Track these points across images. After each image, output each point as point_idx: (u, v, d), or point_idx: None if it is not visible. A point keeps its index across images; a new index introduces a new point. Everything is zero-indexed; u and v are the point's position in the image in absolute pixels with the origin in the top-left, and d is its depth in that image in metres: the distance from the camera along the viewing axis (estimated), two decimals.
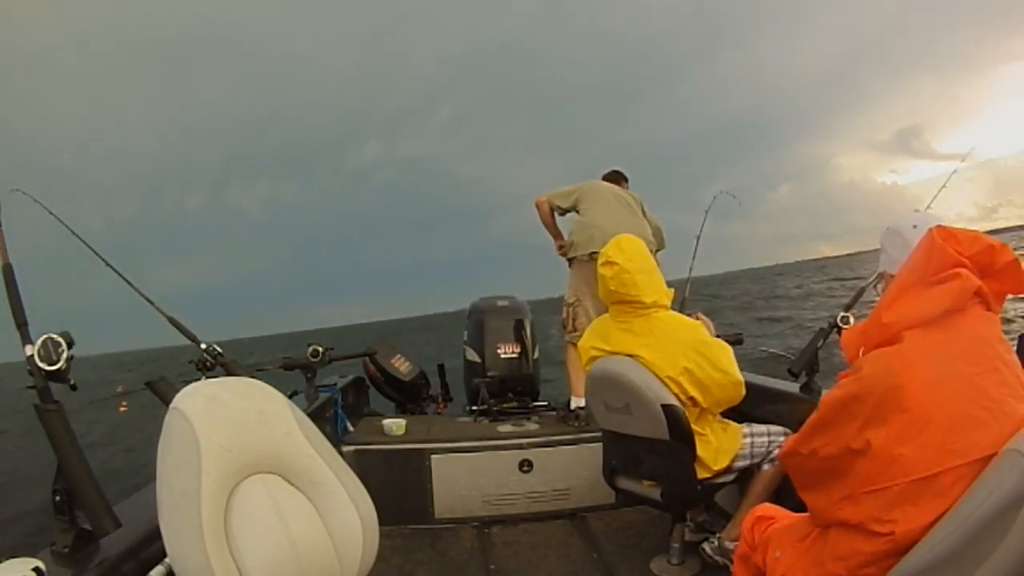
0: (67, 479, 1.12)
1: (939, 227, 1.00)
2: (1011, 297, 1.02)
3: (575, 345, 2.71)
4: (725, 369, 1.78)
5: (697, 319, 2.01)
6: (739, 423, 1.92)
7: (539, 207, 2.96)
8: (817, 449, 1.03)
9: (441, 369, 3.56)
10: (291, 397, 1.77)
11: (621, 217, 2.72)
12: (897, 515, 0.90)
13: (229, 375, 1.78)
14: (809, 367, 2.06)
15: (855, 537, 0.96)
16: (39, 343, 1.13)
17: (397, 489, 2.43)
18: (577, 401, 2.65)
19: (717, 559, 1.93)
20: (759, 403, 2.06)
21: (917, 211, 1.71)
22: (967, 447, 0.88)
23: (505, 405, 3.01)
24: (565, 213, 2.92)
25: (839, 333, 2.02)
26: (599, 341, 1.94)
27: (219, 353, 1.87)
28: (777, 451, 1.82)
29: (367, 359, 3.22)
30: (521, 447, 2.49)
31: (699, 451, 1.78)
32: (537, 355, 3.24)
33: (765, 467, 1.85)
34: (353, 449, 2.46)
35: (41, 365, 1.12)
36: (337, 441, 2.47)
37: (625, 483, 2.01)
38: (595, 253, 2.60)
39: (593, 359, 1.94)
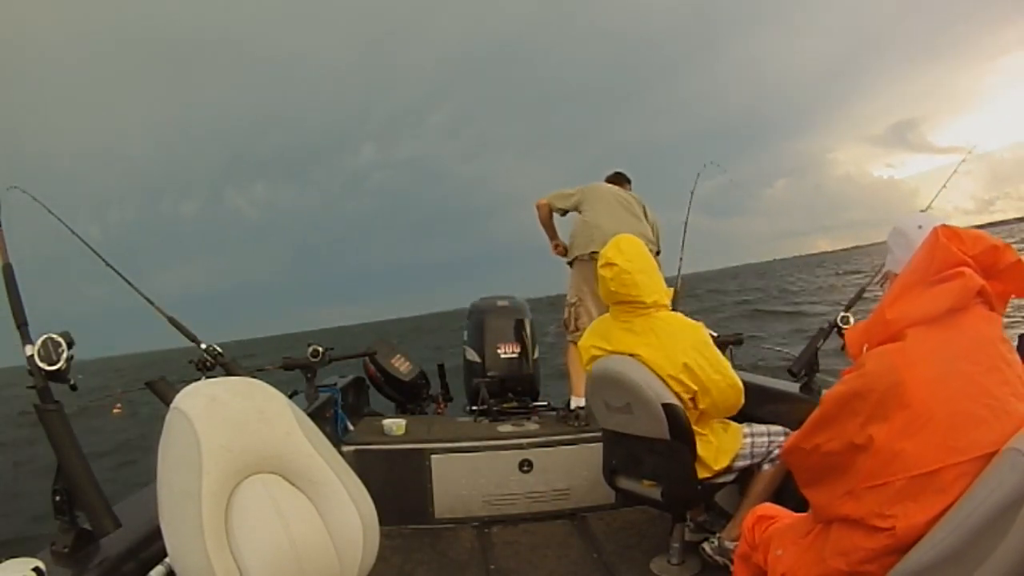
0: (67, 479, 1.12)
1: (943, 226, 1.01)
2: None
3: (576, 344, 2.72)
4: (724, 372, 1.79)
5: (728, 343, 2.01)
6: (739, 423, 1.92)
7: (539, 209, 3.00)
8: (820, 445, 1.03)
9: (441, 369, 3.56)
10: (291, 397, 1.77)
11: (622, 217, 2.73)
12: (898, 511, 0.91)
13: (229, 375, 1.78)
14: (809, 367, 2.07)
15: (856, 532, 0.97)
16: (39, 343, 1.13)
17: (397, 489, 2.43)
18: (577, 401, 2.65)
19: (717, 559, 1.93)
20: (759, 403, 2.06)
21: (923, 211, 1.71)
22: (968, 444, 0.88)
23: (505, 405, 3.01)
24: (565, 214, 2.94)
25: (839, 333, 2.03)
26: (600, 340, 1.94)
27: (219, 353, 1.87)
28: (777, 451, 1.82)
29: (367, 359, 3.22)
30: (521, 447, 2.49)
31: (699, 451, 1.79)
32: (537, 355, 3.24)
33: (765, 467, 1.86)
34: (353, 449, 2.46)
35: (41, 365, 1.12)
36: (337, 441, 2.47)
37: (625, 483, 2.01)
38: (596, 253, 2.60)
39: (594, 358, 1.94)
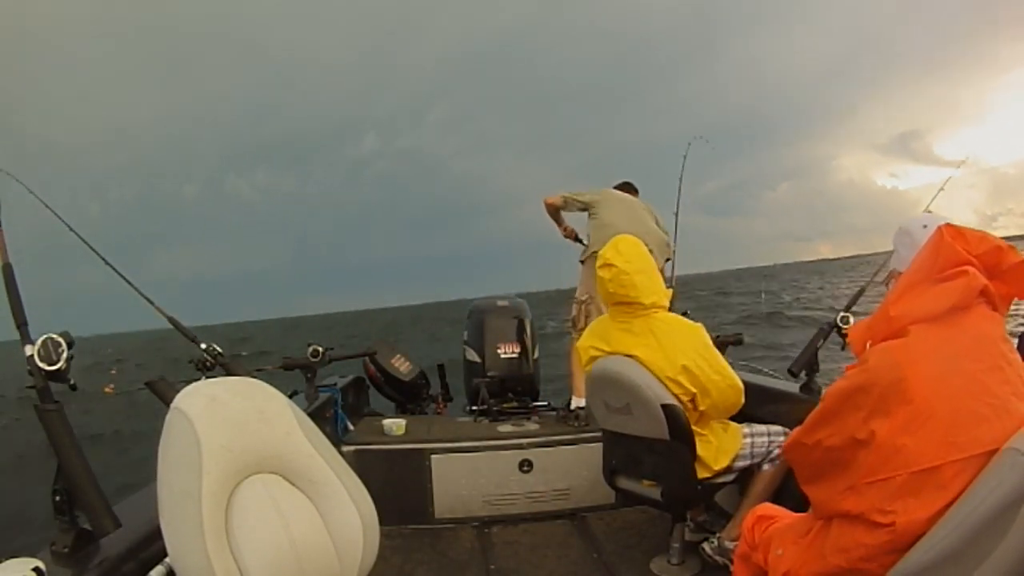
0: (67, 479, 1.12)
1: (948, 225, 1.01)
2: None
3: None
4: (724, 373, 1.78)
5: (728, 343, 2.01)
6: (739, 423, 1.92)
7: (548, 205, 2.98)
8: (822, 440, 1.04)
9: (441, 369, 3.56)
10: (291, 397, 1.77)
11: (635, 216, 2.74)
12: (898, 506, 0.91)
13: (229, 375, 1.78)
14: (809, 367, 2.07)
15: (857, 528, 0.97)
16: (39, 343, 1.13)
17: (397, 489, 2.42)
18: (578, 401, 2.64)
19: (717, 559, 1.93)
20: (759, 403, 2.06)
21: (928, 212, 1.71)
22: (969, 441, 0.88)
23: (505, 405, 3.00)
24: (574, 209, 2.94)
25: (839, 333, 2.03)
26: (598, 341, 1.94)
27: (219, 353, 1.87)
28: (777, 451, 1.82)
29: (367, 359, 3.22)
30: (521, 447, 2.49)
31: (699, 451, 1.78)
32: (537, 355, 3.24)
33: (765, 467, 1.86)
34: (353, 449, 2.46)
35: (41, 365, 1.12)
36: (337, 441, 2.47)
37: (625, 483, 2.01)
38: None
39: (593, 359, 1.94)
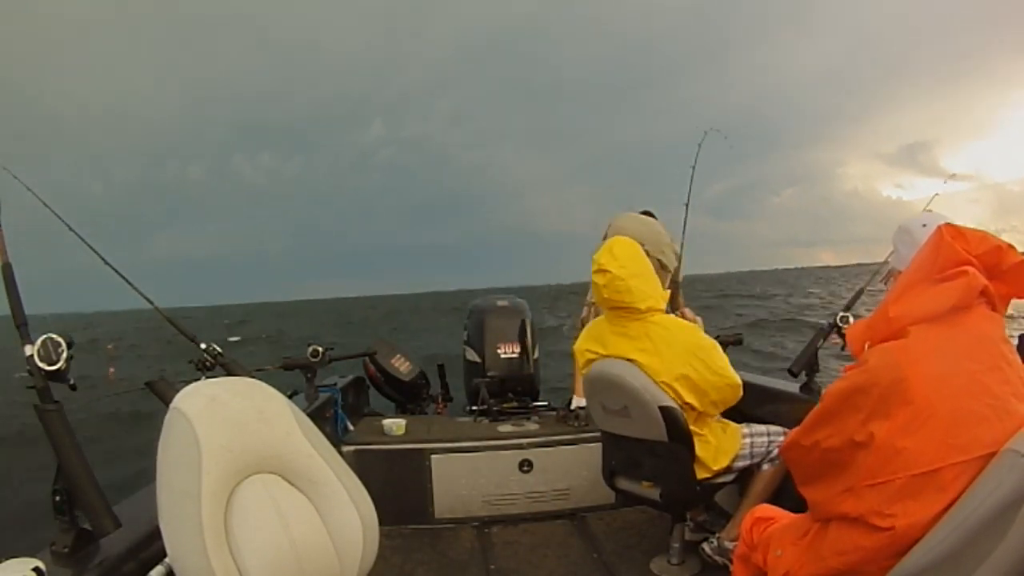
0: (67, 479, 1.12)
1: (948, 225, 1.00)
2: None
3: None
4: (722, 372, 1.77)
5: (681, 315, 2.00)
6: (738, 423, 1.92)
7: None
8: (820, 441, 1.03)
9: (441, 369, 3.55)
10: (291, 397, 1.77)
11: (645, 224, 2.67)
12: (898, 509, 0.91)
13: (229, 375, 1.78)
14: (809, 367, 2.07)
15: (855, 531, 0.97)
16: (39, 343, 1.13)
17: (397, 489, 2.42)
18: (579, 401, 2.64)
19: (717, 559, 1.93)
20: (759, 403, 2.06)
21: (929, 211, 1.70)
22: (969, 443, 0.88)
23: (505, 405, 3.00)
24: None
25: (839, 333, 2.02)
26: (594, 344, 1.93)
27: (219, 353, 1.87)
28: (777, 451, 1.81)
29: (367, 359, 3.21)
30: (521, 447, 2.49)
31: (698, 451, 1.78)
32: (537, 355, 3.24)
33: (765, 467, 1.85)
34: (353, 449, 2.46)
35: (41, 365, 1.12)
36: (337, 441, 2.47)
37: (625, 484, 2.01)
38: None
39: (589, 362, 1.94)
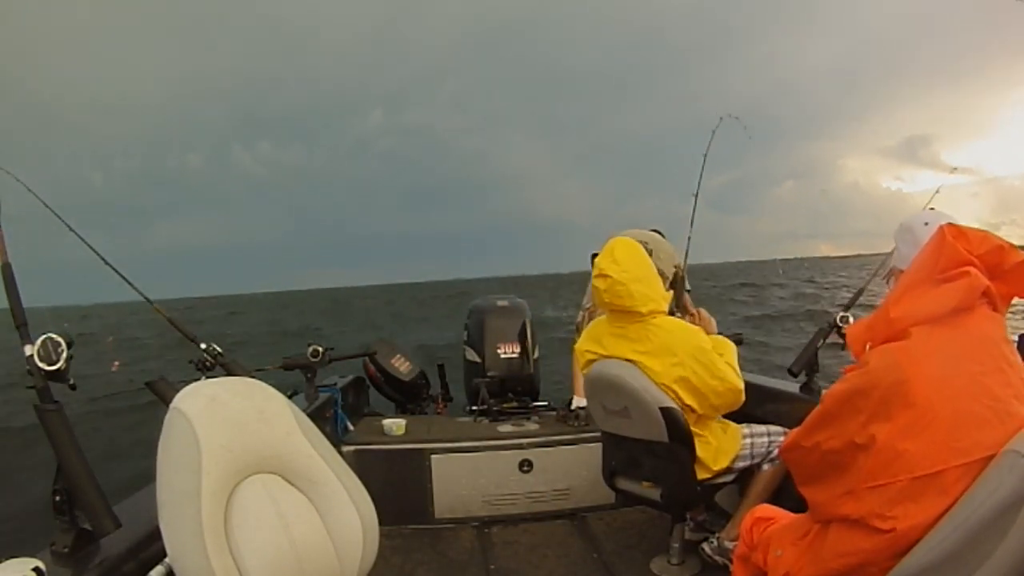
0: (67, 479, 1.12)
1: (949, 225, 0.99)
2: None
3: None
4: (723, 376, 1.75)
5: (697, 314, 1.99)
6: (739, 423, 1.92)
7: None
8: (820, 443, 1.02)
9: (441, 369, 3.55)
10: (291, 397, 1.77)
11: (642, 231, 2.70)
12: (899, 512, 0.90)
13: (229, 375, 1.78)
14: (809, 367, 2.06)
15: (855, 533, 0.96)
16: (39, 343, 1.13)
17: (397, 489, 2.42)
18: (579, 401, 2.64)
19: (717, 559, 1.93)
20: (759, 403, 2.06)
21: (931, 209, 1.70)
22: (971, 446, 0.87)
23: (505, 405, 3.00)
24: None
25: (839, 333, 2.02)
26: (594, 344, 1.92)
27: (219, 353, 1.88)
28: (777, 451, 1.81)
29: (367, 359, 3.21)
30: (521, 447, 2.49)
31: (699, 452, 1.78)
32: (537, 355, 3.24)
33: (765, 467, 1.85)
34: (353, 449, 2.46)
35: (41, 365, 1.12)
36: (337, 441, 2.46)
37: (625, 484, 2.01)
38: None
39: (590, 362, 1.94)
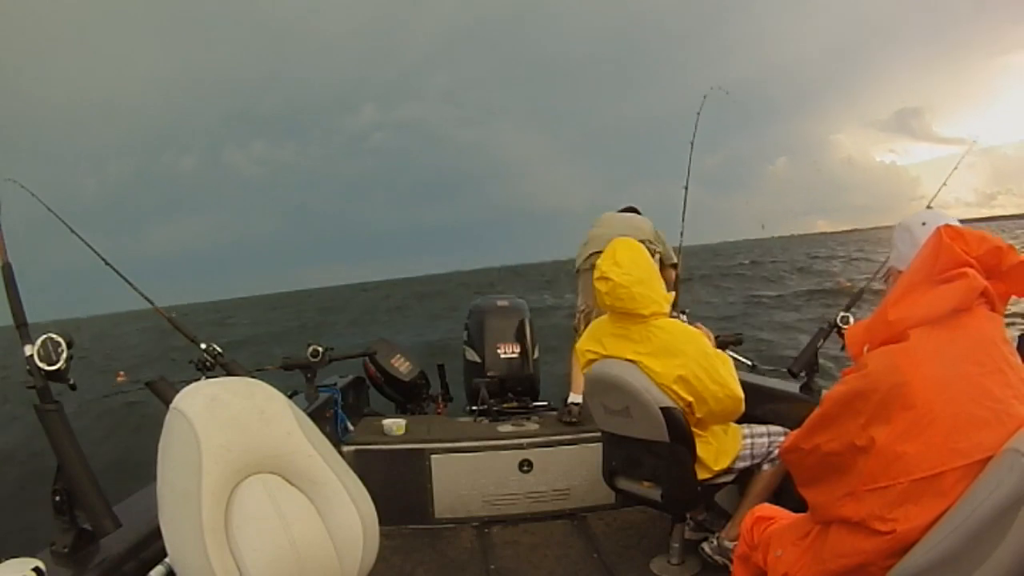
0: (67, 479, 1.13)
1: (947, 226, 0.99)
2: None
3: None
4: (723, 383, 1.75)
5: (696, 328, 1.99)
6: (739, 423, 1.92)
7: None
8: (820, 445, 1.02)
9: (441, 369, 3.56)
10: (291, 397, 1.77)
11: (630, 223, 2.71)
12: (899, 514, 0.90)
13: (229, 375, 1.79)
14: (809, 367, 2.06)
15: (856, 535, 0.96)
16: (39, 343, 1.13)
17: (397, 489, 2.42)
18: (575, 397, 2.64)
19: (717, 558, 1.93)
20: (759, 403, 2.06)
21: (929, 208, 1.69)
22: (971, 447, 0.87)
23: (505, 405, 3.00)
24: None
25: (839, 333, 2.02)
26: (595, 344, 1.93)
27: (219, 353, 1.88)
28: (777, 451, 1.81)
29: (367, 359, 3.22)
30: (521, 447, 2.49)
31: (699, 452, 1.78)
32: (537, 355, 3.24)
33: (765, 467, 1.85)
34: (353, 449, 2.46)
35: (41, 365, 1.12)
36: (337, 441, 2.47)
37: (625, 484, 2.01)
38: (596, 254, 2.62)
39: (590, 362, 1.94)
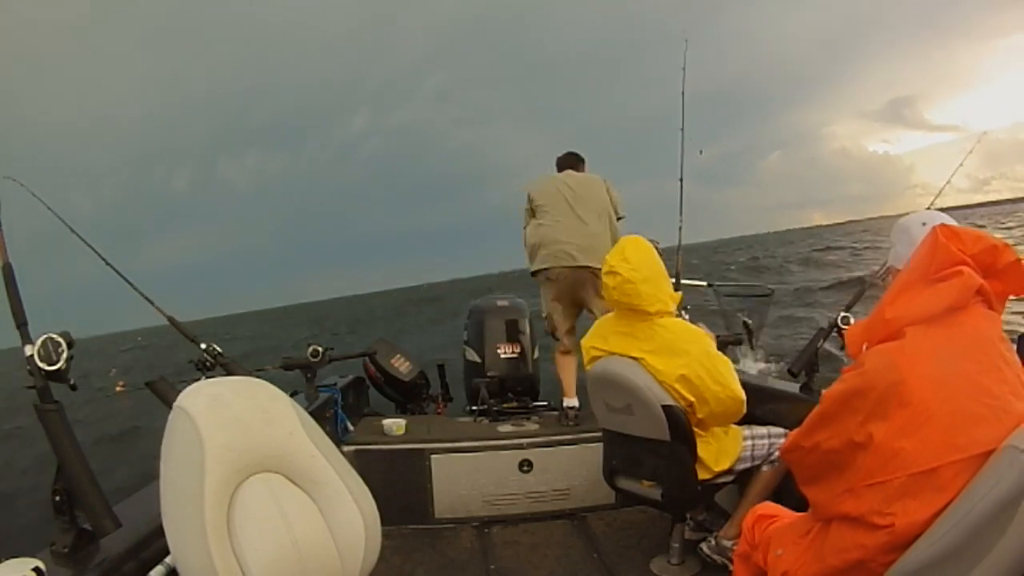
0: (67, 479, 1.12)
1: (943, 225, 1.01)
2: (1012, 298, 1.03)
3: (562, 352, 2.72)
4: (725, 383, 1.76)
5: (730, 342, 1.98)
6: (739, 425, 1.92)
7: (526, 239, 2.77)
8: (820, 442, 1.03)
9: (441, 369, 3.56)
10: (291, 397, 1.77)
11: (574, 226, 2.61)
12: (897, 508, 0.91)
13: (229, 375, 1.78)
14: (809, 367, 2.07)
15: (856, 530, 0.97)
16: (39, 343, 1.13)
17: (397, 489, 2.42)
18: (569, 401, 2.65)
19: (715, 558, 1.93)
20: (759, 403, 2.06)
21: (928, 209, 1.71)
22: (968, 443, 0.88)
23: (505, 405, 3.01)
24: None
25: (839, 333, 2.03)
26: (599, 341, 1.94)
27: (219, 353, 1.88)
28: (777, 453, 1.81)
29: (367, 359, 3.22)
30: (521, 447, 2.50)
31: (700, 452, 1.79)
32: (537, 355, 3.24)
33: (764, 468, 1.85)
34: (353, 449, 2.45)
35: (41, 365, 1.12)
36: (337, 441, 2.46)
37: (625, 483, 2.01)
38: (550, 269, 2.60)
39: (595, 359, 1.94)
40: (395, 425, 2.59)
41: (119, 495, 1.34)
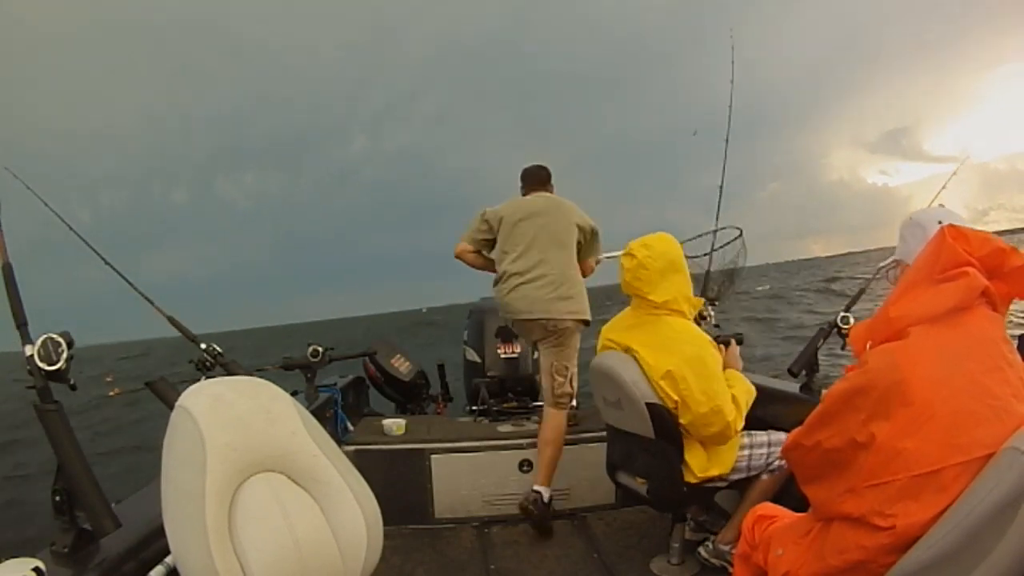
0: (67, 479, 1.12)
1: (950, 226, 1.01)
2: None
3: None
4: (712, 396, 1.68)
5: (722, 349, 1.90)
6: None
7: (462, 257, 2.51)
8: (821, 441, 1.03)
9: (441, 369, 3.56)
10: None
11: (539, 261, 2.33)
12: (898, 509, 0.91)
13: (228, 375, 1.78)
14: (809, 367, 2.07)
15: (857, 531, 0.97)
16: (39, 343, 1.13)
17: (397, 489, 2.42)
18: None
19: (713, 562, 1.92)
20: (758, 403, 2.06)
21: (942, 207, 1.71)
22: (970, 444, 0.88)
23: (505, 405, 3.01)
24: (488, 248, 2.52)
25: (839, 333, 2.03)
26: (612, 333, 1.95)
27: (219, 353, 1.87)
28: (777, 461, 1.78)
29: (367, 359, 3.22)
30: (521, 447, 2.50)
31: (687, 456, 1.75)
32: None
33: (764, 477, 1.82)
34: (353, 449, 2.45)
35: (41, 365, 1.12)
36: (337, 441, 2.46)
37: (624, 478, 2.02)
38: (519, 321, 2.41)
39: (605, 349, 1.95)
40: (395, 425, 2.59)
41: (118, 495, 1.34)
